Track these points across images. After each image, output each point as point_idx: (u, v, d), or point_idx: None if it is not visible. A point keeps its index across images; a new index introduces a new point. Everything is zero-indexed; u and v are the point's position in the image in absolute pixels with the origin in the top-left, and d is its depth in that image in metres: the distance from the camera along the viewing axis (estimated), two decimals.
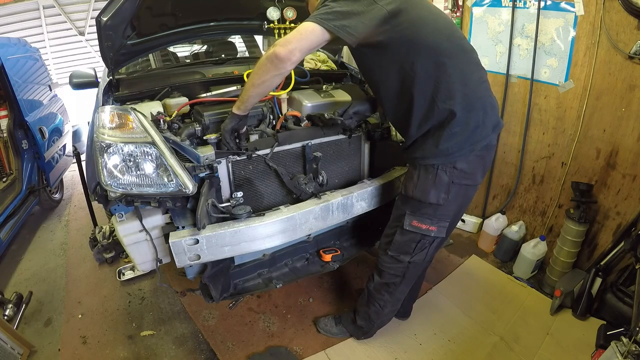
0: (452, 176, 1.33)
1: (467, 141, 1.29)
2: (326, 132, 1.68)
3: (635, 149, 1.90)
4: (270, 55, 1.21)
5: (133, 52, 1.89)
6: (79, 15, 5.13)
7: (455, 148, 1.29)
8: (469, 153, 1.30)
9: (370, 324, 1.79)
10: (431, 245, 1.48)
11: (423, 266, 1.60)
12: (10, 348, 1.72)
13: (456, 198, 1.38)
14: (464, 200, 1.45)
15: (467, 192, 1.43)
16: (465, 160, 1.31)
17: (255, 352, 1.85)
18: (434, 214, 1.40)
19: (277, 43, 1.22)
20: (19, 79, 2.86)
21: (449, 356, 1.80)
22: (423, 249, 1.48)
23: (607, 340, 1.64)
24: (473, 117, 1.27)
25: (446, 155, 1.30)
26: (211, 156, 1.39)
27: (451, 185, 1.34)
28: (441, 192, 1.35)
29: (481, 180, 1.42)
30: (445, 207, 1.38)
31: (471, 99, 1.27)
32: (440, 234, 1.44)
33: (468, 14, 2.48)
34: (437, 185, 1.34)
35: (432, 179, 1.34)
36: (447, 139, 1.28)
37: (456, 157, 1.30)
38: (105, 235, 1.68)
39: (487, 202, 2.77)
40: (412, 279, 1.64)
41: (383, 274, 1.62)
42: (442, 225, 1.42)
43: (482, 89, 1.34)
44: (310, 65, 2.28)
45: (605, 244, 2.06)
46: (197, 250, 1.38)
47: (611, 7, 1.84)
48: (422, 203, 1.39)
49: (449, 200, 1.37)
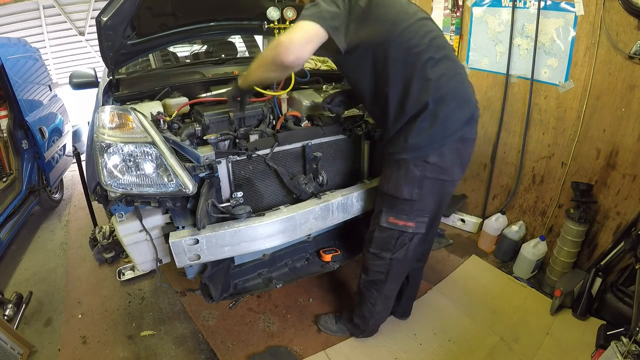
0: (425, 170, 1.32)
1: (437, 135, 1.28)
2: (326, 132, 1.68)
3: (635, 149, 1.90)
4: (272, 59, 1.21)
5: (133, 52, 1.88)
6: (79, 15, 5.13)
7: (425, 142, 1.29)
8: (440, 147, 1.30)
9: (365, 322, 1.79)
10: (411, 241, 1.47)
11: (407, 263, 1.59)
12: (10, 348, 1.72)
13: (432, 193, 1.38)
14: (441, 195, 1.43)
15: (444, 188, 1.41)
16: (437, 153, 1.31)
17: (255, 352, 1.85)
18: (411, 210, 1.40)
19: (279, 43, 1.18)
20: (19, 79, 2.86)
21: (449, 356, 1.80)
22: (403, 246, 1.48)
23: (607, 340, 1.64)
24: (442, 110, 1.27)
25: (416, 150, 1.30)
26: (211, 156, 1.39)
27: (424, 180, 1.33)
28: (414, 187, 1.35)
29: (459, 175, 1.41)
30: (421, 202, 1.38)
31: (441, 93, 1.27)
32: (419, 229, 1.43)
33: (468, 14, 2.48)
34: (409, 180, 1.34)
35: (404, 174, 1.34)
36: (417, 133, 1.29)
37: (427, 151, 1.30)
38: (105, 235, 1.69)
39: (487, 202, 2.77)
40: (398, 276, 1.64)
41: (368, 271, 1.63)
42: (420, 221, 1.42)
43: (455, 82, 1.32)
44: (310, 65, 2.28)
45: (605, 244, 2.06)
46: (197, 250, 1.38)
47: (611, 7, 1.84)
48: (397, 199, 1.39)
49: (424, 196, 1.36)
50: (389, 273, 1.58)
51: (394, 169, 1.38)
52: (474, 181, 2.81)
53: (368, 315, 1.76)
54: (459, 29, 2.55)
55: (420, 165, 1.32)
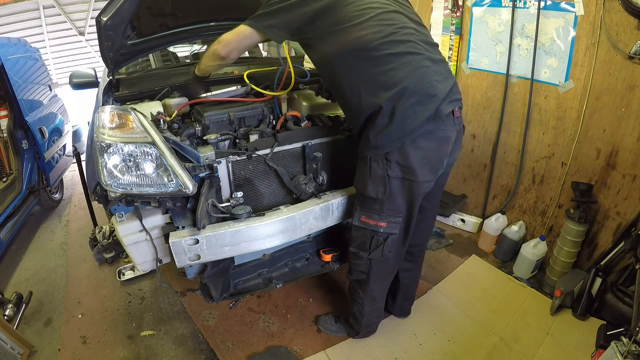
0: (387, 169, 1.29)
1: (395, 133, 1.24)
2: (326, 132, 1.68)
3: (635, 149, 1.90)
4: (213, 52, 1.48)
5: (133, 52, 1.88)
6: (79, 15, 5.13)
7: (384, 140, 1.26)
8: (401, 145, 1.25)
9: (357, 323, 1.79)
10: (385, 241, 1.45)
11: (388, 264, 1.57)
12: (10, 348, 1.72)
13: (401, 193, 1.35)
14: (411, 196, 1.36)
15: (413, 188, 1.34)
16: (398, 152, 1.26)
17: (255, 352, 1.85)
18: (381, 209, 1.38)
19: (220, 40, 1.44)
20: (19, 79, 2.86)
21: (449, 356, 1.80)
22: (378, 246, 1.46)
23: (607, 340, 1.64)
24: (400, 107, 1.22)
25: (377, 148, 1.29)
26: (211, 156, 1.39)
27: (389, 179, 1.30)
28: (379, 185, 1.32)
29: (429, 176, 1.34)
30: (390, 202, 1.36)
31: (398, 89, 1.21)
32: (392, 229, 1.41)
33: (468, 14, 2.48)
34: (372, 178, 1.33)
35: (367, 171, 1.34)
36: (377, 131, 1.27)
37: (387, 149, 1.27)
38: (105, 235, 1.69)
39: (487, 202, 2.77)
40: (381, 276, 1.63)
41: (352, 271, 1.64)
42: (392, 221, 1.40)
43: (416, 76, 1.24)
44: (310, 65, 2.28)
45: (605, 244, 2.06)
46: (197, 250, 1.38)
47: (611, 7, 1.84)
48: (367, 198, 1.39)
49: (392, 195, 1.33)
50: (370, 273, 1.57)
51: (361, 166, 1.39)
52: (474, 181, 2.81)
53: (359, 316, 1.76)
54: (459, 29, 2.55)
55: (381, 163, 1.29)
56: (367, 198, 1.39)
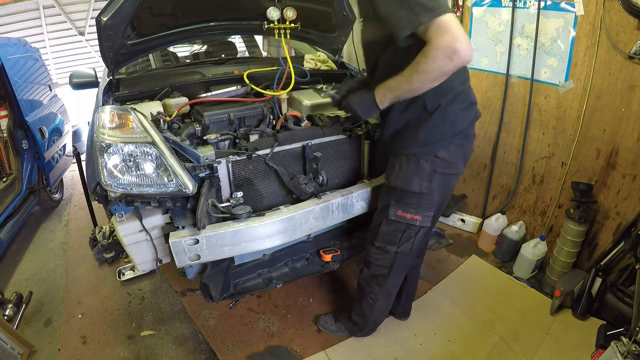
0: (434, 165, 1.36)
1: (447, 132, 1.33)
2: (326, 132, 1.68)
3: (635, 149, 1.90)
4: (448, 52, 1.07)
5: (133, 52, 1.89)
6: (79, 15, 5.12)
7: (436, 138, 1.33)
8: (449, 143, 1.34)
9: (364, 319, 1.80)
10: (417, 235, 1.50)
11: (411, 257, 1.61)
12: (10, 348, 1.72)
13: (439, 187, 1.41)
14: (446, 190, 1.48)
15: (450, 181, 1.46)
16: (446, 149, 1.35)
17: (255, 352, 1.85)
18: (418, 204, 1.42)
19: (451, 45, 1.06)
20: (19, 79, 2.86)
21: (449, 356, 1.80)
22: (409, 239, 1.50)
23: (607, 340, 1.64)
24: (453, 110, 1.31)
25: (427, 145, 1.34)
26: (211, 156, 1.39)
27: (433, 174, 1.37)
28: (424, 180, 1.38)
29: (462, 169, 1.46)
30: (429, 196, 1.41)
31: (455, 96, 1.31)
32: (425, 223, 1.46)
33: (468, 14, 2.48)
34: (419, 174, 1.37)
35: (414, 167, 1.37)
36: (428, 129, 1.32)
37: (437, 147, 1.34)
38: (105, 235, 1.69)
39: (487, 202, 2.77)
40: (401, 270, 1.66)
41: (371, 265, 1.65)
42: (426, 214, 1.45)
43: (466, 85, 1.38)
44: (310, 65, 2.28)
45: (605, 244, 2.06)
46: (197, 250, 1.38)
47: (611, 7, 1.84)
48: (405, 192, 1.42)
49: (432, 189, 1.39)
50: (393, 267, 1.60)
51: (403, 162, 1.40)
52: (474, 181, 2.81)
53: (368, 312, 1.76)
54: None
55: (430, 159, 1.35)
56: (406, 192, 1.42)
